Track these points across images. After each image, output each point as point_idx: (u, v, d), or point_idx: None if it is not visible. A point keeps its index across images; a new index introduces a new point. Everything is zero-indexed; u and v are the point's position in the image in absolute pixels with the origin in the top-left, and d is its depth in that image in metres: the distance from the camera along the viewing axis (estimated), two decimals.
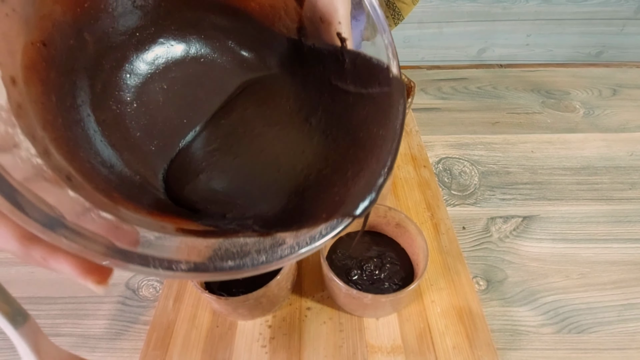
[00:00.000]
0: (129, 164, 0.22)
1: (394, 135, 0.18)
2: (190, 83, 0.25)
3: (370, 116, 0.20)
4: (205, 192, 0.23)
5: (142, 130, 0.24)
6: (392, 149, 0.18)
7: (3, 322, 0.16)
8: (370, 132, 0.20)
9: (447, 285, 0.37)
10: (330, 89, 0.23)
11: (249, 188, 0.23)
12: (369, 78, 0.20)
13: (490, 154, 0.53)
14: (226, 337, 0.34)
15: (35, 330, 0.18)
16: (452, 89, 0.66)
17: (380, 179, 0.17)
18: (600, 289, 0.38)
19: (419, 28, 0.94)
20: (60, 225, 0.14)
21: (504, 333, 0.35)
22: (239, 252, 0.18)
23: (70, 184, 0.16)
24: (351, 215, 0.17)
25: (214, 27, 0.25)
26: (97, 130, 0.22)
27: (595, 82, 0.66)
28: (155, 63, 0.24)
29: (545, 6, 0.90)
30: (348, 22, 0.20)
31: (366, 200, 0.17)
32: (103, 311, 0.37)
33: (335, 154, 0.22)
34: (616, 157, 0.52)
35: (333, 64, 0.22)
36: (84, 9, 0.20)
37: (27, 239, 0.15)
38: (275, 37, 0.25)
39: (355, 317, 0.35)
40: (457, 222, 0.45)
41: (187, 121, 0.25)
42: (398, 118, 0.18)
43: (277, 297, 0.35)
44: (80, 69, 0.21)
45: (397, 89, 0.19)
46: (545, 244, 0.42)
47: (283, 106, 0.25)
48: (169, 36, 0.24)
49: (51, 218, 0.14)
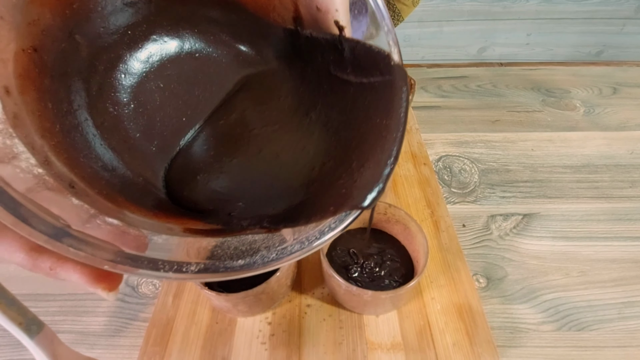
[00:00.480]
0: (131, 166, 0.22)
1: (398, 124, 0.17)
2: (187, 80, 0.25)
3: (372, 106, 0.20)
4: (206, 192, 0.23)
5: (141, 131, 0.23)
6: (396, 138, 0.17)
7: (18, 333, 0.16)
8: (374, 122, 0.19)
9: (447, 282, 0.37)
10: (330, 80, 0.22)
11: (251, 187, 0.23)
12: (369, 67, 0.20)
13: (491, 152, 0.53)
14: (225, 334, 0.34)
15: (51, 337, 0.18)
16: (452, 87, 0.65)
17: (387, 169, 0.17)
18: (601, 286, 0.38)
19: (419, 27, 0.94)
20: (66, 235, 0.14)
21: (504, 330, 0.35)
22: (248, 250, 0.18)
23: (73, 192, 0.16)
24: (359, 207, 0.16)
25: (207, 20, 0.25)
26: (96, 134, 0.21)
27: (595, 81, 0.66)
28: (149, 61, 0.24)
29: (545, 5, 0.89)
30: (346, 9, 0.19)
31: (374, 191, 0.16)
32: (102, 308, 0.37)
33: (338, 147, 0.21)
34: (616, 155, 0.52)
35: (332, 53, 0.21)
36: (73, 10, 0.20)
37: (34, 250, 0.15)
38: (270, 28, 0.24)
39: (355, 314, 0.35)
40: (457, 219, 0.44)
41: (186, 120, 0.25)
42: (402, 106, 0.18)
43: (276, 294, 0.35)
44: (74, 73, 0.21)
45: (400, 77, 0.18)
46: (545, 241, 0.42)
47: (282, 104, 0.25)
48: (162, 32, 0.24)
49: (56, 228, 0.14)
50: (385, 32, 0.19)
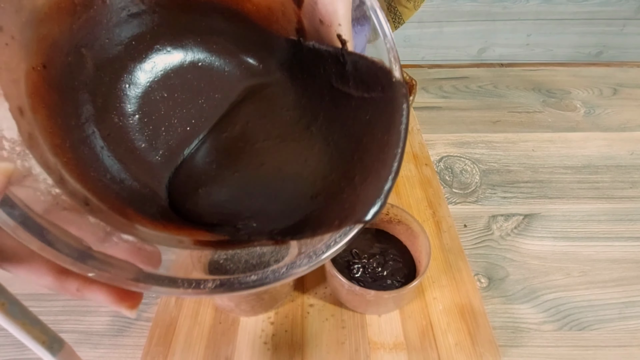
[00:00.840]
0: (137, 177, 0.22)
1: (399, 140, 0.18)
2: (190, 89, 0.25)
3: (373, 121, 0.20)
4: (210, 205, 0.23)
5: (147, 141, 0.23)
6: (397, 154, 0.18)
7: (42, 352, 0.17)
8: (375, 137, 0.19)
9: (449, 282, 0.38)
10: (332, 93, 0.23)
11: (255, 200, 0.23)
12: (371, 81, 0.20)
13: (492, 152, 0.53)
14: (228, 334, 0.34)
15: (70, 354, 0.19)
16: (453, 88, 0.66)
17: (388, 184, 0.17)
18: (601, 286, 0.39)
19: (420, 27, 0.94)
20: (90, 257, 0.14)
21: (505, 330, 0.35)
22: (258, 263, 0.18)
23: (88, 209, 0.17)
24: (362, 222, 0.17)
25: (211, 30, 0.25)
26: (104, 145, 0.22)
27: (596, 82, 0.66)
28: (153, 71, 0.24)
29: (545, 6, 0.90)
30: (349, 23, 0.20)
31: (376, 206, 0.17)
32: (105, 308, 0.37)
33: (340, 160, 0.21)
34: (617, 156, 0.52)
35: (334, 66, 0.22)
36: (80, 24, 0.20)
37: (61, 273, 0.15)
38: (274, 39, 0.24)
39: (357, 313, 0.35)
40: (459, 220, 0.45)
41: (190, 129, 0.25)
42: (402, 123, 0.18)
43: (279, 294, 0.35)
44: (81, 86, 0.21)
45: (400, 94, 0.18)
46: (546, 242, 0.42)
47: (283, 117, 0.25)
48: (166, 43, 0.24)
49: (80, 251, 0.14)
50: (387, 49, 0.19)
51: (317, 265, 0.17)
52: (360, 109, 0.21)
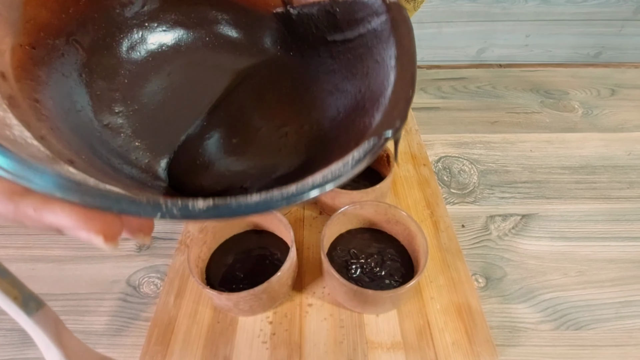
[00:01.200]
0: (135, 163, 0.22)
1: (410, 53, 0.17)
2: (187, 75, 0.26)
3: (377, 50, 0.19)
4: (212, 174, 0.23)
5: (144, 126, 0.24)
6: (411, 68, 0.17)
7: (13, 309, 0.14)
8: (384, 65, 0.19)
9: (447, 282, 0.38)
10: (328, 48, 0.23)
11: (257, 159, 0.23)
12: (365, 14, 0.20)
13: (490, 153, 0.53)
14: (227, 333, 0.34)
15: (54, 319, 0.16)
16: (451, 89, 0.66)
17: (409, 92, 0.16)
18: (598, 286, 0.39)
19: (419, 28, 0.94)
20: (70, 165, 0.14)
21: (502, 330, 0.36)
22: (264, 186, 0.17)
23: (72, 166, 0.15)
24: (389, 128, 0.15)
25: (201, 17, 0.26)
26: (100, 131, 0.22)
27: (593, 82, 0.66)
28: (148, 58, 0.25)
29: (544, 7, 0.90)
30: None
31: (399, 115, 0.15)
32: (104, 308, 0.38)
33: (347, 102, 0.21)
34: (614, 156, 0.52)
35: (325, 20, 0.22)
36: (69, 15, 0.21)
37: (16, 194, 0.13)
38: (262, 18, 0.25)
39: (355, 313, 0.36)
40: (457, 220, 0.45)
41: (187, 113, 0.25)
42: (408, 35, 0.17)
43: (277, 293, 0.35)
44: (74, 73, 0.21)
45: (396, 11, 0.18)
46: (543, 242, 0.43)
47: (283, 86, 0.26)
48: (159, 30, 0.25)
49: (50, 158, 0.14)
50: None
51: (333, 184, 0.14)
52: (361, 46, 0.21)
